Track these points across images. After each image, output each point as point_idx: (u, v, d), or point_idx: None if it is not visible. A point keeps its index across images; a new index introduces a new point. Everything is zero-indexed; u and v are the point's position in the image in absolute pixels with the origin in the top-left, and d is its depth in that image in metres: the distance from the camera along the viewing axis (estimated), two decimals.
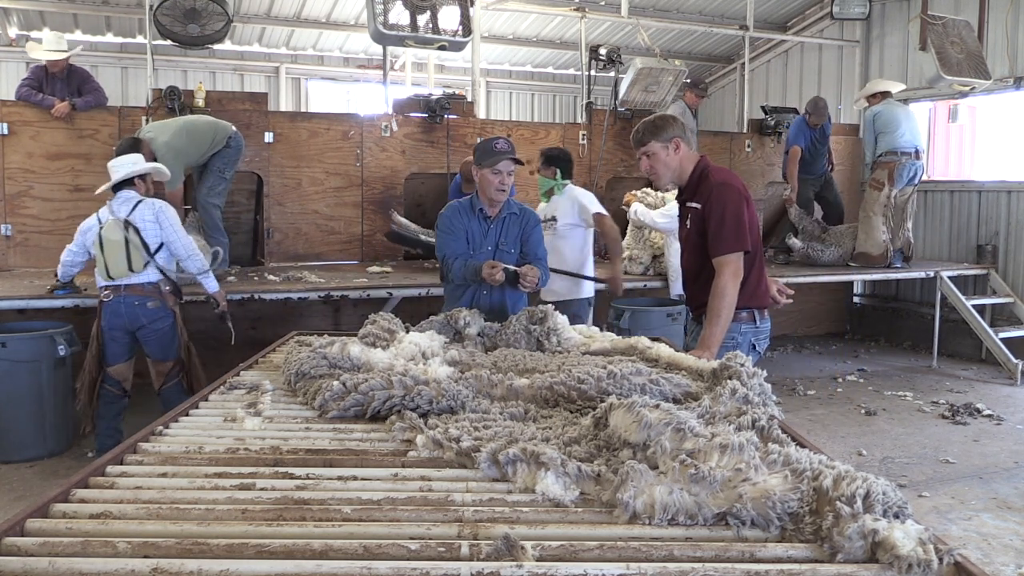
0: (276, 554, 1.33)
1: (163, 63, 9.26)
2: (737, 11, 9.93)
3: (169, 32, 6.55)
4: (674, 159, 3.23)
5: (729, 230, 3.10)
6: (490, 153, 3.67)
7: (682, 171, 3.26)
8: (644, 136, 3.24)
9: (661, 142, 3.20)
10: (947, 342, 8.06)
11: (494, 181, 3.68)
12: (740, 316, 3.20)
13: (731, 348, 3.15)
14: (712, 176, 3.19)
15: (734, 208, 3.11)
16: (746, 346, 3.25)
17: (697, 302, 3.33)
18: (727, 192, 3.13)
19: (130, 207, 4.48)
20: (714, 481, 1.48)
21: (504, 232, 3.82)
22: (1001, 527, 4.11)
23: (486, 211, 3.80)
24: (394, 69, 9.70)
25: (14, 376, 4.74)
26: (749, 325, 3.26)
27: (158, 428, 2.07)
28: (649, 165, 3.27)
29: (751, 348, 3.28)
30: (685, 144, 3.24)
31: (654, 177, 3.34)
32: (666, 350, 2.77)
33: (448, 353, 2.64)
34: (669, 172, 3.26)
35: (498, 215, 3.81)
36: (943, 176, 9.29)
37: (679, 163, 3.24)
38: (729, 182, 3.18)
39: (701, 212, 3.18)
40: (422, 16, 6.45)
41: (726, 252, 3.10)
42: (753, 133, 8.79)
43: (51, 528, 1.45)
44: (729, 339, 3.19)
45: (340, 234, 7.04)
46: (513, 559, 1.30)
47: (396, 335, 2.79)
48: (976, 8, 8.11)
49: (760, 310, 3.29)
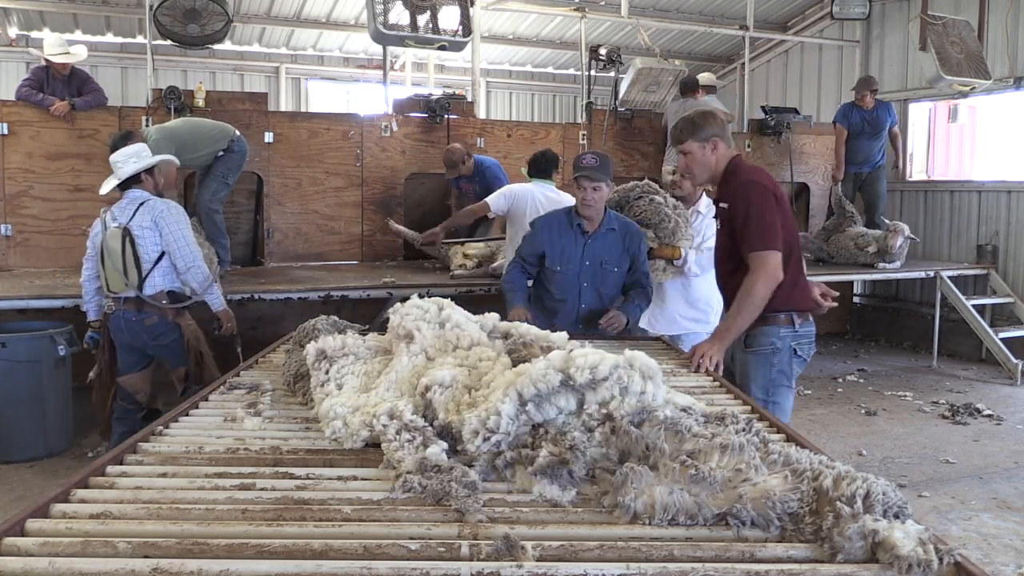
0: (276, 554, 1.33)
1: (163, 63, 9.25)
2: (737, 11, 9.93)
3: (169, 32, 6.55)
4: (710, 158, 3.15)
5: (755, 227, 3.00)
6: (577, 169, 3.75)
7: (716, 170, 3.18)
8: (682, 135, 3.18)
9: (699, 141, 3.14)
10: (947, 342, 8.05)
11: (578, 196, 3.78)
12: (778, 319, 3.09)
13: (770, 353, 3.10)
14: (740, 174, 3.12)
15: (759, 205, 3.01)
16: (787, 351, 3.13)
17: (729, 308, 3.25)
18: (752, 190, 3.04)
19: (132, 211, 4.05)
20: (714, 482, 1.48)
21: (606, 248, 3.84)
22: (1001, 527, 4.11)
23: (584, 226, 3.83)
24: (394, 69, 9.70)
25: (14, 376, 4.74)
26: (788, 329, 3.12)
27: (158, 428, 2.07)
28: (685, 163, 3.23)
29: (792, 353, 3.15)
30: (723, 143, 3.16)
31: (690, 176, 3.31)
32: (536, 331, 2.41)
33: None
34: (705, 172, 3.19)
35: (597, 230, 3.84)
36: (943, 176, 9.29)
37: (715, 162, 3.16)
38: (755, 179, 3.09)
39: (729, 211, 3.12)
40: (422, 16, 6.45)
41: (757, 250, 2.98)
42: (753, 133, 8.78)
43: (51, 528, 1.44)
44: (768, 344, 3.11)
45: (340, 234, 7.04)
46: (513, 559, 1.31)
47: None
48: (976, 8, 8.11)
49: (800, 313, 3.14)
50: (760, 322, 3.07)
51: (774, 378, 3.12)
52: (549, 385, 1.74)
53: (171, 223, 4.06)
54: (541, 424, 1.74)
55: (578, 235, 3.83)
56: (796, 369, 3.19)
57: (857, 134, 8.12)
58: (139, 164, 4.11)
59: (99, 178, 6.32)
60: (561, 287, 3.90)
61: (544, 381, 1.74)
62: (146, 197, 4.11)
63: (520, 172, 6.07)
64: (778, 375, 3.13)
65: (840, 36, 9.93)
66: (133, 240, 4.00)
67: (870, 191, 8.32)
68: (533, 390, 1.73)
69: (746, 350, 3.17)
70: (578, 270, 3.85)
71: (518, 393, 1.73)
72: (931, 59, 7.56)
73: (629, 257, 3.88)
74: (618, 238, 3.87)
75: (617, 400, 1.74)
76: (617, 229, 3.88)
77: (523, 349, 2.24)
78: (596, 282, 3.88)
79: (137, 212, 4.05)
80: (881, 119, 8.10)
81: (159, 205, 4.10)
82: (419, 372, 2.09)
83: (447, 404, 1.91)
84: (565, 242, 3.83)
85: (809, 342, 3.20)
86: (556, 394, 1.75)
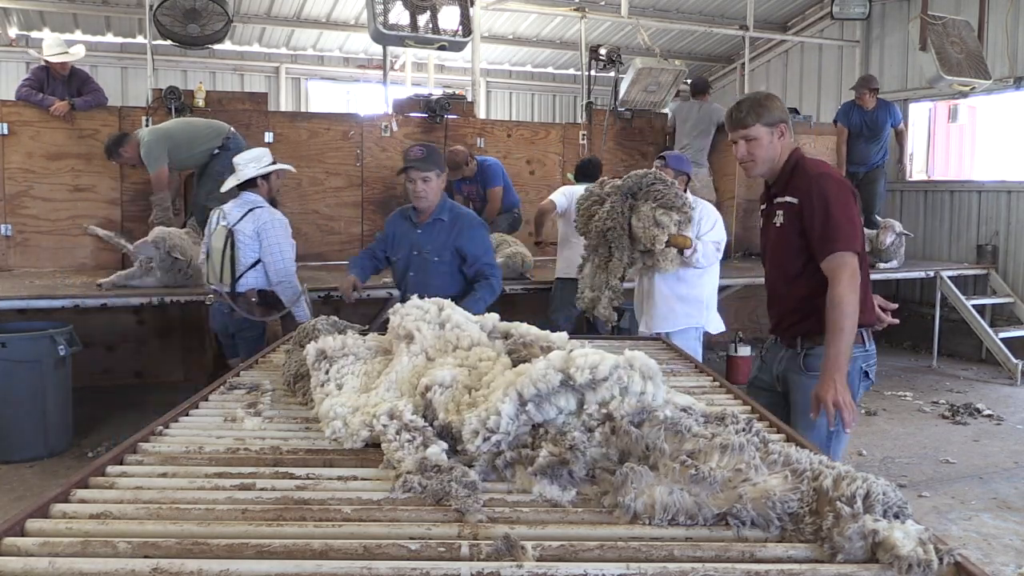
0: (276, 554, 1.33)
1: (163, 63, 9.25)
2: (737, 11, 9.93)
3: (169, 32, 6.55)
4: (777, 147, 2.77)
5: (838, 225, 2.60)
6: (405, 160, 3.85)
7: (778, 161, 2.80)
8: (748, 117, 2.75)
9: (768, 125, 2.74)
10: (947, 342, 8.05)
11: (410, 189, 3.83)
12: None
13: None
14: (809, 167, 2.74)
15: (842, 201, 2.63)
16: (856, 374, 2.72)
17: (789, 320, 2.83)
18: (830, 184, 2.67)
19: (240, 215, 4.29)
20: (714, 482, 1.47)
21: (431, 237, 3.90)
22: (1001, 527, 4.11)
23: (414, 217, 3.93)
24: (394, 69, 9.70)
25: (14, 376, 4.74)
26: (859, 348, 2.70)
27: (158, 428, 2.07)
28: (747, 151, 2.78)
29: (862, 376, 2.77)
30: (789, 132, 2.81)
31: (750, 165, 2.83)
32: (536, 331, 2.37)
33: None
34: (768, 162, 2.80)
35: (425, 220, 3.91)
36: (943, 176, 9.28)
37: (779, 152, 2.79)
38: (831, 173, 2.75)
39: (799, 208, 2.70)
40: (422, 16, 6.45)
41: (839, 250, 2.58)
42: None
43: (51, 528, 1.44)
44: None
45: (340, 234, 7.04)
46: (513, 559, 1.31)
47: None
48: (976, 8, 8.11)
49: (867, 328, 2.76)
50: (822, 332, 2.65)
51: None
52: (549, 385, 1.73)
53: (271, 236, 4.27)
54: (541, 424, 1.74)
55: (409, 226, 3.93)
56: (861, 393, 2.81)
57: (856, 135, 8.14)
58: (259, 169, 4.34)
59: (99, 178, 6.40)
60: (396, 276, 4.14)
61: (544, 381, 1.74)
62: (257, 203, 4.33)
63: (567, 178, 6.20)
64: None
65: (840, 36, 9.93)
66: (234, 243, 4.26)
67: (867, 191, 8.33)
68: (533, 390, 1.73)
69: (808, 373, 2.73)
70: (407, 259, 3.95)
71: (518, 393, 1.73)
72: (931, 59, 7.57)
73: (455, 247, 3.87)
74: (444, 228, 3.89)
75: (617, 400, 1.73)
76: (447, 220, 3.90)
77: (523, 349, 2.24)
78: (420, 272, 3.92)
79: (244, 217, 4.27)
80: (881, 120, 8.11)
81: (265, 216, 4.30)
82: (419, 372, 2.09)
83: (447, 404, 1.91)
84: (400, 232, 3.96)
85: (875, 361, 2.85)
86: (556, 394, 1.75)
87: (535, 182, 7.78)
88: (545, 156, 7.85)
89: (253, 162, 4.36)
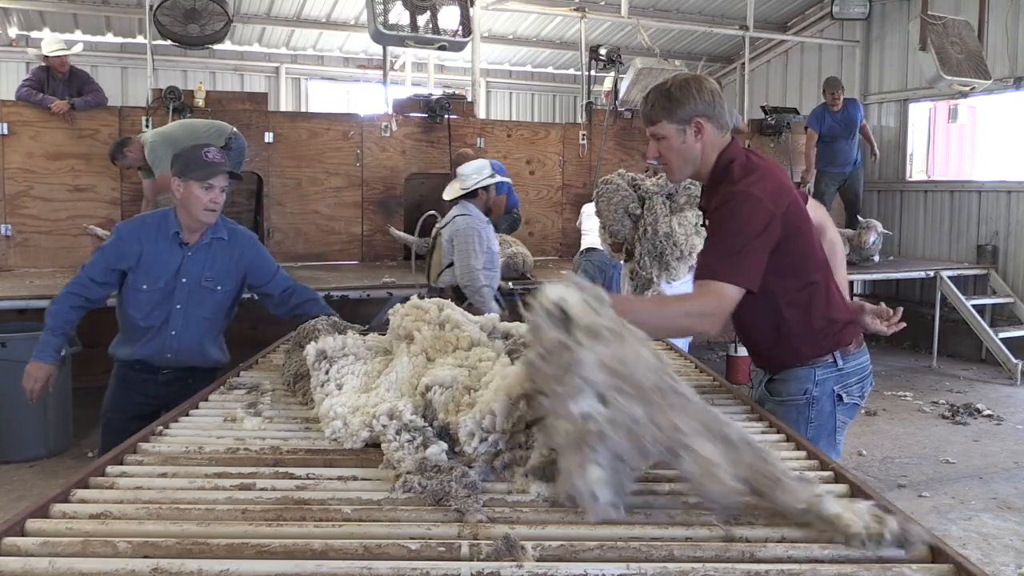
0: (276, 554, 1.33)
1: (163, 63, 9.26)
2: (737, 11, 9.93)
3: (169, 32, 6.56)
4: (694, 147, 2.23)
5: (725, 250, 2.10)
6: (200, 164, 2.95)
7: (704, 163, 2.27)
8: (653, 111, 2.24)
9: (677, 122, 2.21)
10: (947, 342, 8.05)
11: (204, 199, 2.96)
12: (816, 361, 2.31)
13: (804, 405, 2.32)
14: (737, 174, 2.19)
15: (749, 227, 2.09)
16: (827, 400, 2.33)
17: (762, 349, 2.44)
18: (745, 205, 2.11)
19: (447, 220, 4.59)
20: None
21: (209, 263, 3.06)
22: (1001, 527, 4.11)
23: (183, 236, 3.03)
24: (394, 69, 9.70)
25: (14, 376, 4.69)
26: (827, 369, 2.31)
27: (158, 428, 2.07)
28: (656, 152, 2.29)
29: (836, 401, 2.34)
30: (713, 126, 2.22)
31: (667, 169, 2.36)
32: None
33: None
34: (687, 164, 2.28)
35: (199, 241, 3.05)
36: (943, 176, 9.29)
37: (700, 151, 2.24)
38: (754, 192, 2.13)
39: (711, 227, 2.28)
40: (422, 16, 6.46)
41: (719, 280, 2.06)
42: (753, 133, 8.79)
43: (51, 528, 1.44)
44: (800, 393, 2.32)
45: (340, 234, 7.04)
46: (513, 559, 1.31)
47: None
48: (976, 8, 8.11)
49: (842, 348, 2.33)
50: (789, 362, 2.33)
51: (811, 436, 2.25)
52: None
53: (461, 243, 4.49)
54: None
55: (174, 246, 3.03)
56: (844, 419, 2.40)
57: (834, 137, 8.15)
58: (479, 180, 4.59)
59: (99, 178, 6.40)
60: (144, 311, 3.05)
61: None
62: (463, 212, 4.52)
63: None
64: (816, 432, 2.32)
65: (840, 36, 9.93)
66: (437, 246, 4.65)
67: (849, 190, 8.37)
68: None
69: (772, 398, 2.38)
70: (172, 289, 3.03)
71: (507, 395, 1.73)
72: (931, 59, 7.57)
73: (242, 270, 3.14)
74: (225, 248, 3.10)
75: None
76: (227, 238, 3.11)
77: (523, 349, 2.23)
78: (193, 304, 3.07)
79: (449, 224, 4.57)
80: (852, 117, 8.17)
81: (461, 224, 4.51)
82: (419, 372, 2.09)
83: (447, 404, 1.90)
84: (158, 253, 3.01)
85: (860, 379, 2.39)
86: None
87: (535, 182, 7.79)
88: (545, 156, 7.86)
89: (475, 174, 4.63)
